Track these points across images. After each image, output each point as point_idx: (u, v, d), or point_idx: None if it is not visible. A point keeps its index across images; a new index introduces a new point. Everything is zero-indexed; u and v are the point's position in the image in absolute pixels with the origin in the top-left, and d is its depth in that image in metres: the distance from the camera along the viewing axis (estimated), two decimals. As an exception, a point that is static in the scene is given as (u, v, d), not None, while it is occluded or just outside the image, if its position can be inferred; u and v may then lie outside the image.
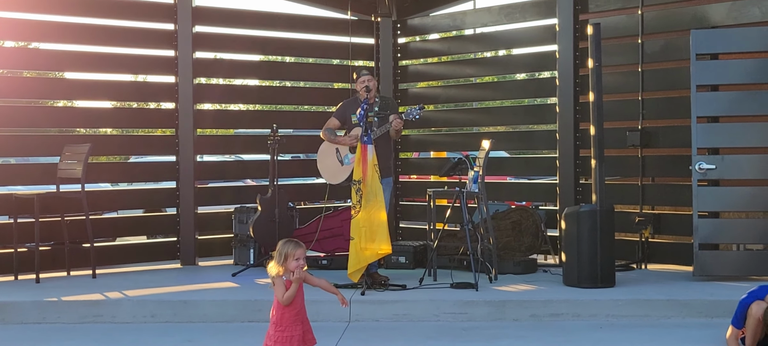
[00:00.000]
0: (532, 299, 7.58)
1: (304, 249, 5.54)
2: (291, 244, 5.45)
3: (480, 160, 8.60)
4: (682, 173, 8.76)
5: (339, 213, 9.74)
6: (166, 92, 10.35)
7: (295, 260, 5.43)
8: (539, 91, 11.46)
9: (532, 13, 10.41)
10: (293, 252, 5.43)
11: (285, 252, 5.42)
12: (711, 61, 8.60)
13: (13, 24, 9.85)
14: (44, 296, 7.84)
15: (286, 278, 5.47)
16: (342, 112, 8.82)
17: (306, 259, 5.51)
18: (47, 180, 9.29)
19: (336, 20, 11.23)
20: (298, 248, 5.45)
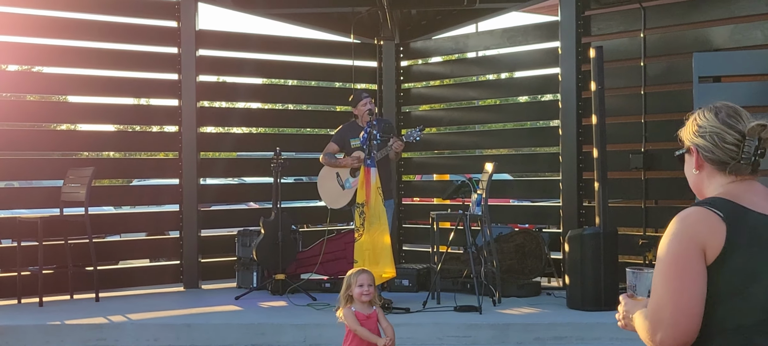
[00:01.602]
0: (536, 322, 7.56)
1: (369, 275, 5.45)
2: (355, 272, 5.38)
3: (483, 183, 8.60)
4: (685, 196, 8.72)
5: (342, 236, 9.74)
6: (170, 116, 10.37)
7: (358, 286, 5.36)
8: (542, 114, 11.48)
9: (534, 37, 10.44)
10: (356, 278, 5.37)
11: (349, 282, 5.35)
12: (714, 83, 8.59)
13: (17, 48, 9.89)
14: (47, 319, 7.84)
15: (355, 309, 5.36)
16: (340, 137, 8.83)
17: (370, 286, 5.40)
18: (51, 203, 9.29)
19: (339, 43, 11.26)
20: (361, 274, 5.38)
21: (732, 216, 2.50)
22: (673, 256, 2.51)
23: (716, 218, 2.50)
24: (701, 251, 2.49)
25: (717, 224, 2.49)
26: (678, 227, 2.55)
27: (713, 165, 2.66)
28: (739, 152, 2.58)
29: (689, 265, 2.49)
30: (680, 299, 2.48)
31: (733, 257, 2.47)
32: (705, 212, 2.53)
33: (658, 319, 2.52)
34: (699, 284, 2.48)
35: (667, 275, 2.51)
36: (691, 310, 2.48)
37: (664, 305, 2.51)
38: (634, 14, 9.44)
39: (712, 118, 2.71)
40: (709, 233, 2.49)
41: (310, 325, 7.55)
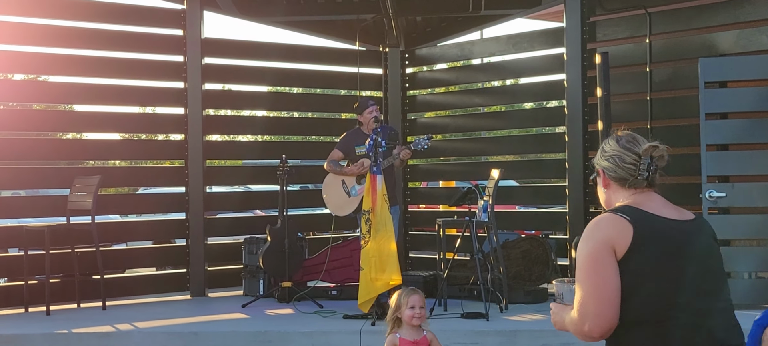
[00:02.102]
0: (544, 328, 7.54)
1: (421, 296, 5.04)
2: (405, 292, 5.00)
3: (489, 190, 8.59)
4: (691, 201, 8.72)
5: (348, 243, 9.74)
6: (176, 124, 10.39)
7: (409, 308, 5.02)
8: (548, 120, 11.48)
9: (539, 43, 10.44)
10: (406, 299, 5.02)
11: (398, 302, 4.98)
12: (720, 89, 8.60)
13: (22, 57, 9.91)
14: (55, 328, 7.84)
15: (400, 336, 5.01)
16: (345, 145, 8.82)
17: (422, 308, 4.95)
18: (57, 212, 9.31)
19: (344, 51, 11.27)
20: (413, 295, 5.02)
21: (637, 219, 2.99)
22: (589, 256, 2.97)
23: (624, 221, 2.98)
24: (612, 249, 2.95)
25: (624, 226, 2.97)
26: (591, 232, 3.02)
27: (617, 182, 3.20)
28: (636, 170, 3.14)
29: (603, 262, 2.94)
30: (601, 291, 2.93)
31: (640, 252, 2.94)
32: (614, 216, 3.02)
33: (585, 312, 2.96)
34: (614, 277, 2.93)
35: (587, 273, 2.96)
36: (611, 300, 2.92)
37: (588, 299, 2.95)
38: (640, 20, 9.43)
39: (613, 145, 3.23)
40: (617, 233, 2.96)
41: (317, 332, 7.55)
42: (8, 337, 7.57)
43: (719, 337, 3.00)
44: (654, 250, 2.97)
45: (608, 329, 2.95)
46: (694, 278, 2.99)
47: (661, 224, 3.05)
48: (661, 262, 2.96)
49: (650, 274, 2.95)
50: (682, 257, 3.00)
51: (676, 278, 2.97)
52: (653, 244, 2.97)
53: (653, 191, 3.20)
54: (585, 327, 2.98)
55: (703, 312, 2.99)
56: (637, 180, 3.16)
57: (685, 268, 2.98)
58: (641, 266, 2.94)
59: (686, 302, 2.96)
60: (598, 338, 3.00)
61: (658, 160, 3.19)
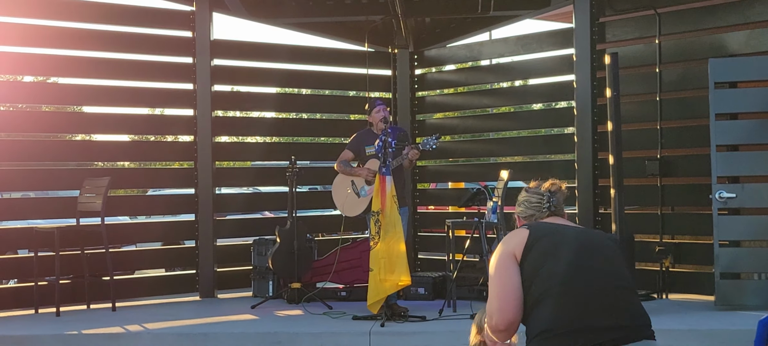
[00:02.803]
0: (553, 329, 7.53)
1: None
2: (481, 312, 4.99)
3: (499, 191, 8.58)
4: (702, 202, 8.72)
5: (357, 245, 9.74)
6: (185, 125, 10.40)
7: None
8: (557, 121, 11.45)
9: (548, 44, 10.43)
10: None
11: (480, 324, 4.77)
12: (730, 89, 8.58)
13: (32, 59, 9.93)
14: (65, 329, 7.86)
15: None
16: (356, 145, 8.82)
17: None
18: (67, 214, 9.32)
19: (353, 52, 11.27)
20: None
21: (534, 226, 3.73)
22: (495, 265, 3.67)
23: (522, 229, 3.69)
24: (513, 256, 3.64)
25: (522, 233, 3.66)
26: (499, 246, 3.73)
27: (528, 220, 3.92)
28: (541, 205, 3.92)
29: (506, 268, 3.62)
30: (501, 292, 3.60)
31: (534, 247, 3.60)
32: (516, 230, 3.76)
33: (492, 309, 3.64)
34: (514, 279, 3.59)
35: (493, 281, 3.65)
36: (510, 297, 3.58)
37: (493, 298, 3.64)
38: (649, 20, 9.42)
39: (523, 194, 4.04)
40: (516, 242, 3.65)
41: (326, 333, 7.55)
42: (18, 338, 7.59)
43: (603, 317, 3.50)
44: (545, 243, 3.61)
45: (511, 322, 3.59)
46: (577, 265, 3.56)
47: (550, 227, 3.73)
48: (552, 252, 3.58)
49: (544, 263, 3.56)
50: (572, 249, 3.60)
51: (566, 263, 3.55)
52: (545, 238, 3.63)
53: (559, 217, 3.92)
54: (492, 321, 3.63)
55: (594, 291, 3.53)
56: (542, 213, 3.91)
57: (566, 261, 3.56)
58: (536, 259, 3.58)
59: (565, 284, 3.52)
60: (504, 331, 3.62)
61: (556, 193, 3.95)
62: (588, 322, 3.47)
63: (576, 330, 3.45)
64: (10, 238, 9.89)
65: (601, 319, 3.48)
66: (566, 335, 3.45)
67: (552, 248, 3.59)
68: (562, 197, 3.96)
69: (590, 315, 3.48)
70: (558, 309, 3.49)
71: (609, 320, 3.48)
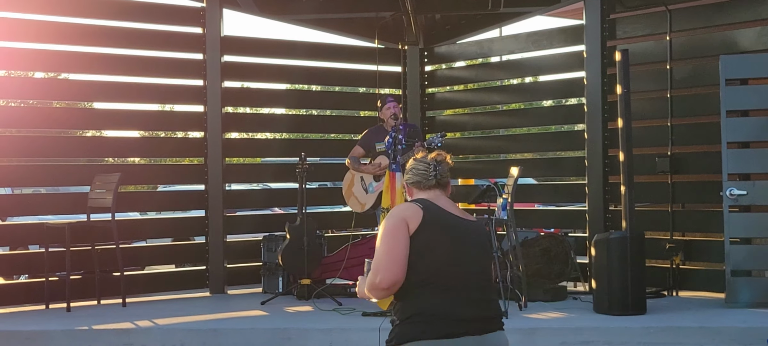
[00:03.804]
0: (563, 326, 7.53)
1: None
2: None
3: (508, 188, 8.58)
4: (712, 199, 8.70)
5: (367, 241, 9.74)
6: (195, 122, 10.41)
7: None
8: (567, 118, 11.44)
9: (559, 40, 10.41)
10: None
11: None
12: (741, 86, 8.54)
13: (43, 55, 9.95)
14: (75, 324, 7.88)
15: None
16: (366, 141, 8.84)
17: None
18: (78, 209, 9.35)
19: (363, 49, 11.27)
20: None
21: (427, 207, 4.02)
22: (388, 228, 3.96)
23: (417, 207, 4.01)
24: (405, 223, 3.95)
25: (417, 210, 3.99)
26: (393, 212, 4.06)
27: (415, 186, 4.25)
28: (427, 173, 4.22)
29: (398, 232, 3.93)
30: (391, 251, 3.90)
31: (425, 231, 3.93)
32: (411, 204, 4.07)
33: (378, 267, 3.91)
34: (404, 243, 3.92)
35: (384, 240, 3.93)
36: (399, 258, 3.89)
37: (382, 257, 3.91)
38: (660, 17, 9.40)
39: (411, 162, 4.33)
40: (411, 214, 3.97)
41: (336, 329, 7.55)
42: (29, 333, 7.62)
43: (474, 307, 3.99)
44: (436, 230, 3.96)
45: (395, 282, 3.90)
46: (460, 259, 3.99)
47: (445, 215, 4.07)
48: (440, 241, 3.95)
49: (432, 248, 3.93)
50: (457, 241, 4.00)
51: (450, 253, 3.96)
52: (436, 226, 3.97)
53: (442, 193, 4.24)
54: (377, 279, 3.90)
55: (461, 284, 3.97)
56: (428, 181, 4.21)
57: (452, 250, 3.97)
58: (426, 241, 3.92)
59: (449, 273, 3.94)
60: (386, 288, 3.90)
61: (441, 164, 4.26)
62: (461, 312, 3.93)
63: (449, 318, 3.91)
64: (21, 234, 9.94)
65: (472, 310, 3.97)
66: (441, 321, 3.90)
67: (440, 236, 3.96)
68: (447, 168, 4.28)
69: (463, 306, 3.94)
70: (436, 297, 3.91)
71: (477, 312, 3.99)
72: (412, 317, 3.94)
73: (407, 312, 3.96)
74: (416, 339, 3.92)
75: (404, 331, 3.97)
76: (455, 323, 3.91)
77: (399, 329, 4.00)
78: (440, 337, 3.89)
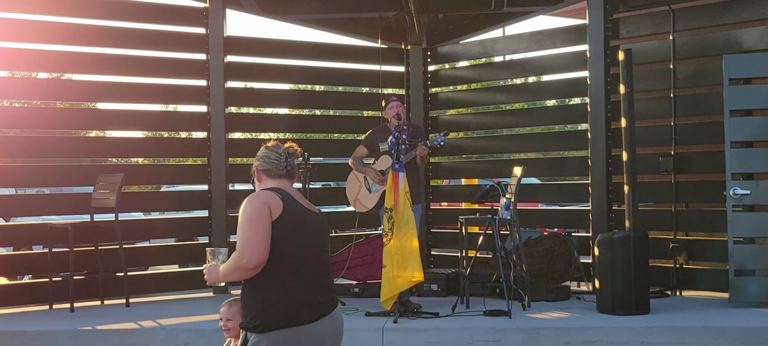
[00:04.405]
0: (566, 326, 7.53)
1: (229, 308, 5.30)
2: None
3: (512, 187, 8.57)
4: (716, 199, 8.69)
5: (371, 241, 9.74)
6: (198, 122, 10.41)
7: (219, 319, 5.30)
8: (570, 118, 11.43)
9: (562, 40, 10.41)
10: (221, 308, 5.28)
11: None
12: (744, 85, 8.54)
13: (46, 55, 9.96)
14: (79, 325, 7.89)
15: None
16: (370, 141, 8.83)
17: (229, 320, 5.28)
18: (81, 210, 9.36)
19: (366, 48, 11.27)
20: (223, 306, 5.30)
21: (285, 197, 4.24)
22: (252, 212, 4.12)
23: (277, 196, 4.20)
24: (268, 209, 4.14)
25: (278, 199, 4.19)
26: (253, 198, 4.19)
27: (265, 173, 4.39)
28: (278, 163, 4.37)
29: (262, 215, 4.11)
30: (258, 233, 4.08)
31: (284, 220, 4.14)
32: (270, 192, 4.24)
33: (244, 248, 4.06)
34: (267, 226, 4.10)
35: (250, 221, 4.09)
36: (265, 240, 4.08)
37: (249, 238, 4.07)
38: (663, 17, 9.39)
39: (262, 150, 4.46)
40: (273, 202, 4.17)
41: (340, 330, 7.53)
42: (33, 334, 7.62)
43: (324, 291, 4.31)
44: (293, 221, 4.19)
45: (261, 261, 4.06)
46: (312, 248, 4.27)
47: (299, 206, 4.30)
48: (296, 230, 4.20)
49: (290, 237, 4.15)
50: (307, 232, 4.26)
51: (305, 242, 4.23)
52: (294, 216, 4.21)
53: (290, 182, 4.42)
54: (244, 259, 4.06)
55: (315, 272, 4.26)
56: (279, 170, 4.37)
57: (307, 240, 4.25)
58: (283, 231, 4.13)
59: (305, 261, 4.22)
60: (253, 268, 4.06)
61: (293, 155, 4.44)
62: (316, 296, 4.23)
63: (309, 304, 4.19)
64: (25, 234, 9.95)
65: (323, 293, 4.29)
66: (303, 308, 4.17)
67: (296, 226, 4.22)
68: (296, 160, 4.48)
69: (316, 291, 4.25)
70: (295, 284, 4.16)
71: (326, 294, 4.33)
72: (276, 305, 4.14)
73: (269, 299, 4.15)
74: (282, 327, 4.13)
75: (268, 319, 4.13)
76: (314, 307, 4.22)
77: (261, 317, 4.15)
78: (304, 323, 4.16)
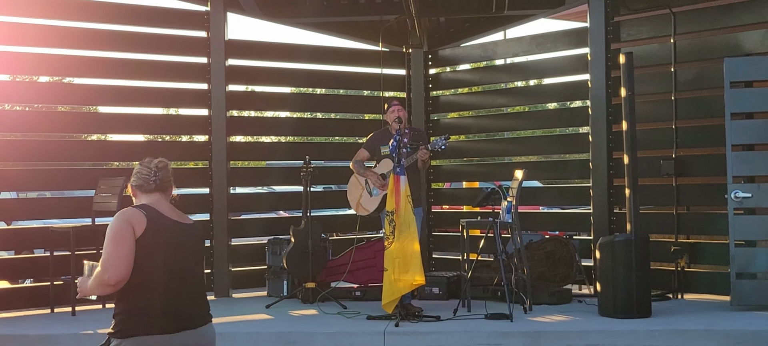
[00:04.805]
0: (568, 329, 7.52)
1: None
2: None
3: (513, 190, 8.57)
4: (717, 202, 8.69)
5: (372, 244, 9.73)
6: (200, 125, 10.41)
7: None
8: (572, 121, 11.43)
9: (563, 43, 10.41)
10: None
11: None
12: (745, 89, 8.54)
13: (48, 59, 9.96)
14: (80, 329, 7.89)
15: None
16: (371, 144, 8.84)
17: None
18: (82, 213, 9.36)
19: (367, 52, 11.27)
20: None
21: (150, 213, 4.39)
22: (115, 230, 4.29)
23: (141, 213, 4.37)
24: (131, 227, 4.30)
25: (142, 216, 4.35)
26: (118, 216, 4.35)
27: (139, 189, 4.58)
28: (149, 178, 4.56)
29: (124, 233, 4.28)
30: (120, 251, 4.25)
31: (148, 236, 4.30)
32: (135, 209, 4.42)
33: (107, 265, 4.24)
34: (130, 244, 4.27)
35: (112, 240, 4.27)
36: (125, 258, 4.24)
37: (110, 256, 4.24)
38: (664, 20, 9.39)
39: (137, 166, 4.65)
40: (137, 220, 4.33)
41: (341, 333, 7.55)
42: (34, 337, 7.63)
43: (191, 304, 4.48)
44: (158, 235, 4.33)
45: (121, 279, 4.23)
46: (179, 261, 4.41)
47: (166, 221, 4.44)
48: (161, 245, 4.33)
49: (155, 251, 4.30)
50: (174, 246, 4.39)
51: (170, 256, 4.36)
52: (158, 231, 4.34)
53: (162, 197, 4.58)
54: (106, 276, 4.22)
55: (181, 284, 4.41)
56: (149, 185, 4.55)
57: (174, 253, 4.38)
58: (149, 245, 4.29)
59: (171, 274, 4.35)
60: (114, 284, 4.23)
61: (162, 170, 4.62)
62: (180, 309, 4.38)
63: (170, 315, 4.33)
64: (27, 238, 9.94)
65: (189, 307, 4.45)
66: (163, 318, 4.31)
67: (161, 241, 4.35)
68: (167, 174, 4.64)
69: (181, 304, 4.40)
70: (157, 295, 4.32)
71: (193, 308, 4.48)
72: (137, 314, 4.32)
73: (131, 308, 4.34)
74: (140, 335, 4.31)
75: (128, 326, 4.33)
76: (175, 319, 4.36)
77: (123, 323, 4.35)
78: (162, 332, 4.33)
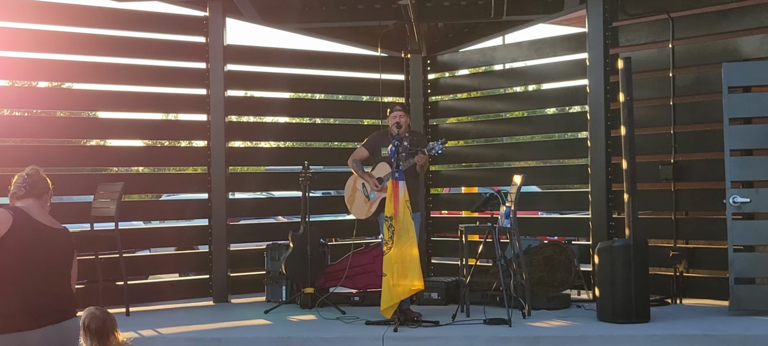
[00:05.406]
0: (567, 334, 7.52)
1: None
2: None
3: (512, 196, 8.57)
4: (716, 207, 8.69)
5: (371, 249, 9.74)
6: (199, 130, 10.41)
7: None
8: (570, 126, 11.42)
9: (562, 48, 10.42)
10: None
11: None
12: (743, 94, 8.54)
13: (46, 64, 9.97)
14: (78, 334, 7.86)
15: None
16: (372, 144, 8.83)
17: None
18: (81, 219, 9.36)
19: (366, 57, 11.28)
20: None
21: (17, 214, 4.77)
22: None
23: (9, 214, 4.72)
24: None
25: (8, 217, 4.70)
26: None
27: (13, 196, 4.94)
28: (20, 186, 4.96)
29: None
30: None
31: (10, 236, 4.64)
32: (4, 211, 4.71)
33: None
34: None
35: None
36: None
37: None
38: (663, 25, 9.40)
39: (16, 176, 4.99)
40: (3, 219, 4.67)
41: (339, 338, 7.55)
42: (33, 343, 7.61)
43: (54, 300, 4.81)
44: (22, 236, 4.69)
45: None
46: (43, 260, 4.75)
47: (33, 222, 4.82)
48: (25, 245, 4.68)
49: (17, 250, 4.63)
50: (37, 246, 4.76)
51: (30, 257, 4.70)
52: (23, 232, 4.70)
53: (35, 202, 4.96)
54: None
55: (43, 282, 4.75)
56: (20, 191, 4.93)
57: (38, 253, 4.74)
58: (10, 245, 4.61)
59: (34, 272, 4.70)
60: None
61: (31, 176, 5.01)
62: (41, 306, 4.68)
63: (32, 312, 4.64)
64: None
65: (50, 304, 4.75)
66: (25, 315, 4.60)
67: (27, 241, 4.69)
68: (37, 180, 5.01)
69: (43, 301, 4.70)
70: (19, 293, 4.62)
71: (56, 304, 4.78)
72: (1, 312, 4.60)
73: None
74: (5, 332, 4.57)
75: None
76: (40, 315, 4.67)
77: None
78: (26, 329, 4.61)
